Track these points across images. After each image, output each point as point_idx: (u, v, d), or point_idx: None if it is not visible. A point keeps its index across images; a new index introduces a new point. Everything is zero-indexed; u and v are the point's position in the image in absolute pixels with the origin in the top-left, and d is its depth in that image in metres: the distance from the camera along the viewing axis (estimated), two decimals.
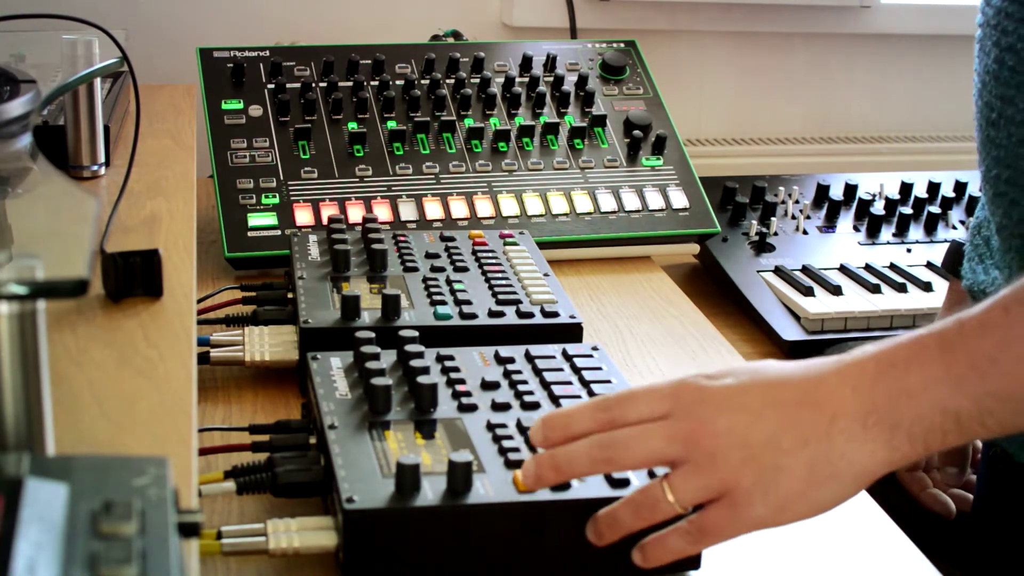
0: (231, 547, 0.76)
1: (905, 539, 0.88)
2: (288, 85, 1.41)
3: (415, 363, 0.89)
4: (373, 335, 0.94)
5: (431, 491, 0.76)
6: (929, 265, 1.44)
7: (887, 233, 1.49)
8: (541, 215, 1.35)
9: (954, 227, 1.52)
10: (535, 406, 0.88)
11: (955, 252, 1.07)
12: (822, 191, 1.53)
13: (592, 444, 0.75)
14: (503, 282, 1.10)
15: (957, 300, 1.07)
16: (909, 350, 0.72)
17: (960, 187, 1.57)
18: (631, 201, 1.38)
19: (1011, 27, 0.87)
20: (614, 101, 1.49)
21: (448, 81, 1.46)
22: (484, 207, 1.34)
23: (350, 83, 1.43)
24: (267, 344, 1.02)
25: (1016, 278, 0.75)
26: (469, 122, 1.42)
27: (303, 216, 1.29)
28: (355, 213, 1.30)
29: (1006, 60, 0.87)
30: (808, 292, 1.33)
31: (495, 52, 1.51)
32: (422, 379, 0.87)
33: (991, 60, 0.89)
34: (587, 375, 0.92)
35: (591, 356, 0.96)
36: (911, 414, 0.71)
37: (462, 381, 0.90)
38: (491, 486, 0.77)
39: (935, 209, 1.52)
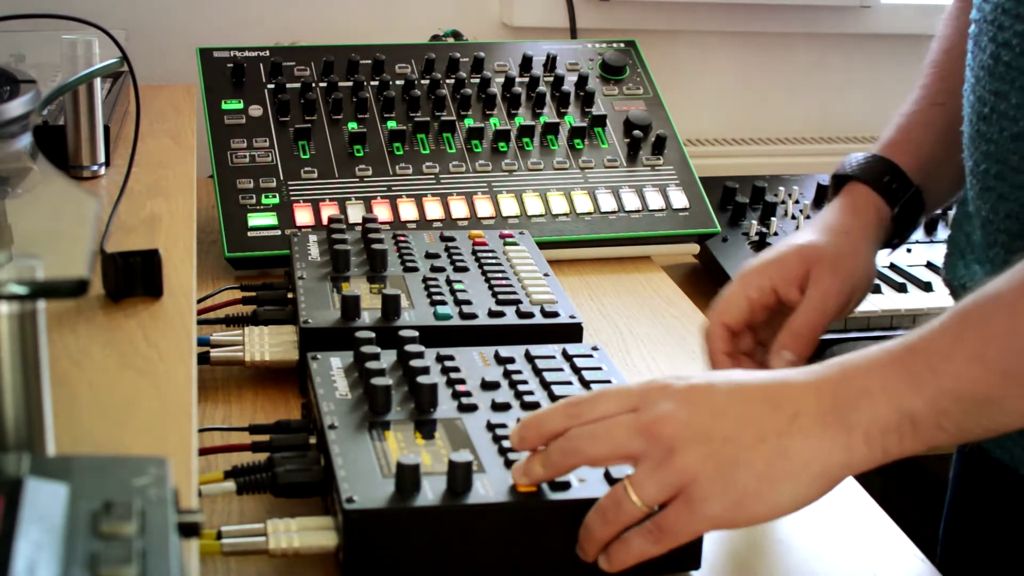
0: (231, 547, 0.76)
1: (905, 539, 0.88)
2: (288, 85, 1.41)
3: (415, 363, 0.89)
4: (373, 335, 0.94)
5: (431, 491, 0.76)
6: (929, 265, 1.44)
7: None
8: (541, 215, 1.35)
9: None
10: (535, 406, 0.88)
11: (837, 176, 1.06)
12: (822, 191, 1.53)
13: (562, 439, 0.76)
14: (503, 282, 1.10)
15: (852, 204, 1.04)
16: (873, 355, 0.73)
17: None
18: (631, 201, 1.38)
19: (1008, 23, 0.87)
20: (614, 101, 1.49)
21: (448, 81, 1.46)
22: (484, 207, 1.34)
23: (350, 83, 1.43)
24: (267, 344, 1.02)
25: (998, 274, 0.75)
26: (469, 122, 1.42)
27: (303, 216, 1.29)
28: (355, 213, 1.30)
29: (1001, 55, 0.88)
30: None
31: (495, 52, 1.51)
32: (422, 379, 0.87)
33: (986, 55, 0.89)
34: (587, 375, 0.92)
35: (591, 356, 0.96)
36: (868, 414, 0.71)
37: (462, 381, 0.90)
38: (491, 486, 0.77)
39: None
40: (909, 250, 1.47)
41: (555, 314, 1.05)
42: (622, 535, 0.75)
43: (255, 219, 1.28)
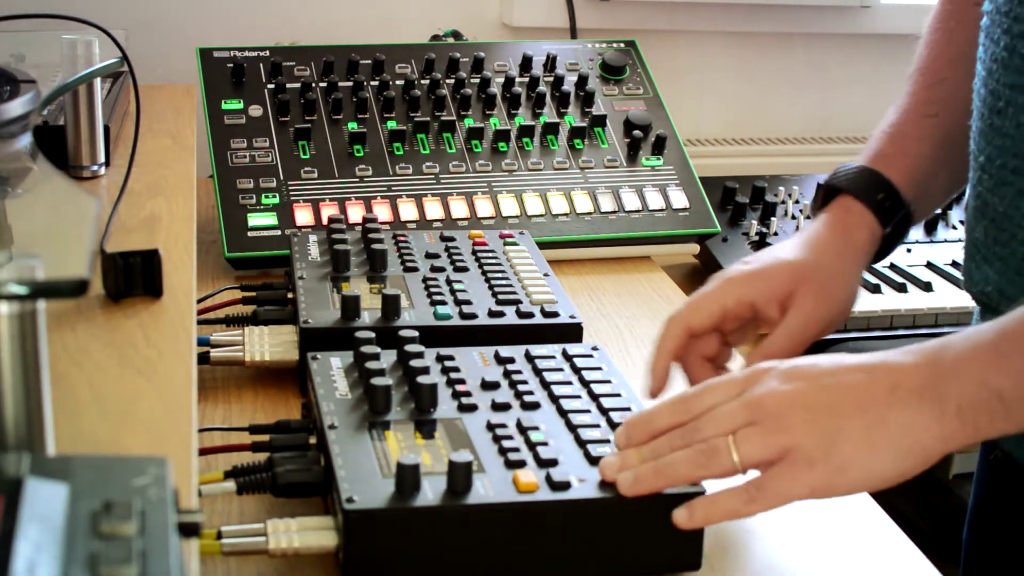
0: (231, 547, 0.76)
1: (905, 539, 0.88)
2: (288, 85, 1.41)
3: (415, 363, 0.89)
4: (373, 335, 0.94)
5: (431, 491, 0.76)
6: (929, 265, 1.44)
7: None
8: (541, 215, 1.35)
9: (954, 227, 1.52)
10: (535, 406, 0.88)
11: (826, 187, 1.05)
12: None
13: (674, 435, 0.79)
14: (503, 282, 1.10)
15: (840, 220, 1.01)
16: (971, 335, 0.75)
17: None
18: (631, 201, 1.38)
19: None
20: (614, 101, 1.49)
21: (448, 81, 1.46)
22: (484, 207, 1.34)
23: (350, 83, 1.43)
24: (267, 344, 1.02)
25: (1011, 271, 0.75)
26: (469, 122, 1.42)
27: (303, 216, 1.29)
28: (355, 213, 1.30)
29: (1018, 47, 0.87)
30: None
31: (495, 52, 1.51)
32: (422, 379, 0.87)
33: (1000, 48, 0.88)
34: (587, 375, 0.92)
35: (591, 356, 0.96)
36: (958, 388, 0.73)
37: (462, 381, 0.90)
38: (491, 486, 0.77)
39: None
40: (909, 250, 1.47)
41: (555, 314, 1.05)
42: (709, 494, 0.77)
43: (255, 219, 1.28)
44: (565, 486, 0.78)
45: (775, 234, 1.45)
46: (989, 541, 1.06)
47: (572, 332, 1.04)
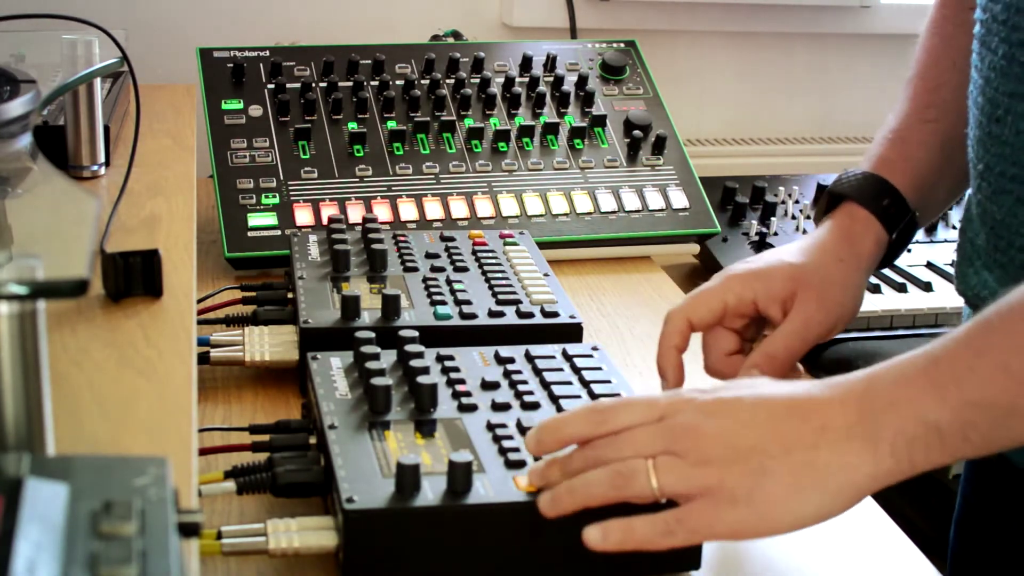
0: (231, 547, 0.76)
1: (905, 539, 0.88)
2: (288, 85, 1.41)
3: (415, 363, 0.89)
4: (373, 335, 0.94)
5: (431, 491, 0.76)
6: (929, 265, 1.44)
7: None
8: (541, 215, 1.35)
9: (953, 227, 1.52)
10: (535, 406, 0.88)
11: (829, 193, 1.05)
12: (822, 191, 1.52)
13: (588, 451, 0.76)
14: (503, 282, 1.10)
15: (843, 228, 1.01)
16: (899, 366, 0.73)
17: None
18: (631, 201, 1.38)
19: (1023, 23, 0.86)
20: (614, 101, 1.49)
21: (448, 81, 1.46)
22: (484, 207, 1.34)
23: (350, 83, 1.43)
24: (267, 344, 1.02)
25: (1010, 278, 0.74)
26: (469, 122, 1.42)
27: (303, 216, 1.29)
28: (355, 213, 1.30)
29: (1017, 56, 0.86)
30: None
31: (495, 52, 1.51)
32: (422, 379, 0.87)
33: (998, 56, 0.88)
34: (587, 375, 0.92)
35: (591, 356, 0.96)
36: (893, 426, 0.71)
37: (462, 381, 0.90)
38: (491, 486, 0.77)
39: None
40: (909, 250, 1.47)
41: (555, 314, 1.05)
42: (625, 518, 0.74)
43: (255, 219, 1.28)
44: None
45: (775, 234, 1.45)
46: (976, 541, 1.06)
47: (572, 332, 1.04)
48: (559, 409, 0.87)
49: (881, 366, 0.74)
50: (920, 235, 1.50)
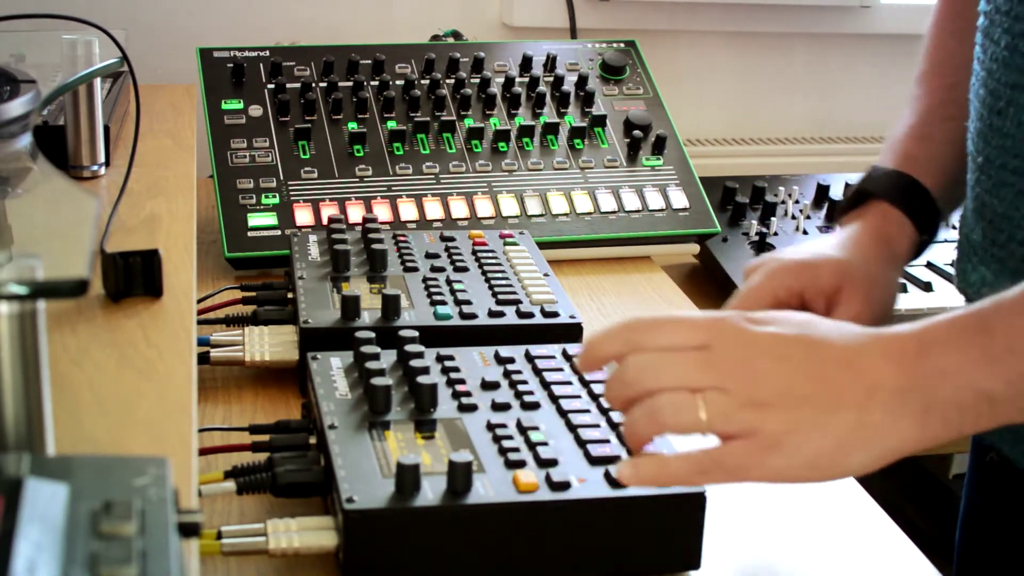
0: (231, 547, 0.76)
1: (904, 538, 0.88)
2: (288, 85, 1.41)
3: (415, 363, 0.89)
4: (373, 335, 0.94)
5: (431, 491, 0.76)
6: (929, 265, 1.44)
7: None
8: (541, 215, 1.35)
9: (953, 227, 1.52)
10: (535, 406, 0.88)
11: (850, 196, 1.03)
12: (822, 191, 1.53)
13: (620, 369, 0.73)
14: (503, 282, 1.10)
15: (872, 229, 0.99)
16: (949, 330, 0.72)
17: None
18: (631, 201, 1.38)
19: None
20: (614, 101, 1.49)
21: (448, 81, 1.46)
22: (484, 207, 1.34)
23: (350, 83, 1.43)
24: (267, 344, 1.02)
25: (1009, 272, 0.74)
26: (469, 122, 1.42)
27: (303, 216, 1.29)
28: (355, 213, 1.30)
29: (1019, 47, 0.86)
30: None
31: (495, 52, 1.51)
32: (422, 379, 0.87)
33: (1001, 48, 0.88)
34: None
35: None
36: (945, 394, 0.70)
37: (462, 381, 0.90)
38: (491, 486, 0.77)
39: None
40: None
41: (555, 314, 1.05)
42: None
43: (255, 219, 1.28)
44: (565, 486, 0.78)
45: (775, 234, 1.45)
46: (982, 544, 1.05)
47: (572, 332, 1.04)
48: (559, 409, 0.87)
49: (931, 325, 0.72)
50: None
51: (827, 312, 0.91)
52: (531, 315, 1.04)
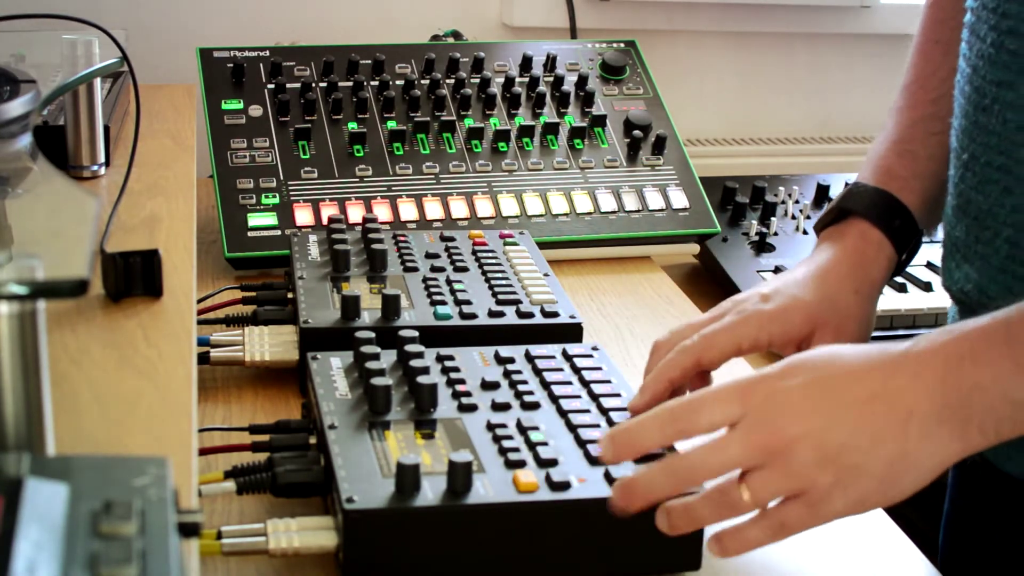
0: (231, 547, 0.76)
1: (905, 538, 0.88)
2: (288, 85, 1.41)
3: (415, 363, 0.89)
4: (373, 335, 0.94)
5: (431, 491, 0.76)
6: (929, 265, 1.44)
7: None
8: (541, 215, 1.35)
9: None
10: (535, 406, 0.88)
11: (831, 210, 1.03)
12: (822, 191, 1.53)
13: (665, 468, 0.76)
14: (503, 282, 1.10)
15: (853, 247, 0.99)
16: (976, 343, 0.73)
17: None
18: (631, 201, 1.38)
19: (1014, 10, 0.85)
20: (614, 101, 1.49)
21: (448, 81, 1.46)
22: (484, 207, 1.34)
23: (350, 83, 1.43)
24: (267, 344, 1.02)
25: (993, 270, 0.74)
26: (469, 122, 1.42)
27: (303, 216, 1.29)
28: (355, 213, 1.30)
29: (1005, 43, 0.86)
30: None
31: (495, 52, 1.51)
32: (422, 379, 0.87)
33: (987, 44, 0.88)
34: (587, 375, 0.92)
35: (591, 356, 0.96)
36: (982, 408, 0.71)
37: (462, 381, 0.90)
38: (491, 486, 0.77)
39: None
40: None
41: (555, 314, 1.05)
42: (735, 526, 0.76)
43: (255, 219, 1.28)
44: (565, 486, 0.78)
45: (775, 234, 1.45)
46: (965, 545, 1.05)
47: (572, 332, 1.04)
48: (559, 409, 0.87)
49: (957, 337, 0.73)
50: None
51: (797, 351, 0.91)
52: (531, 315, 1.04)
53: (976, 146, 0.90)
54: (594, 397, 0.89)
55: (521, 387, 0.90)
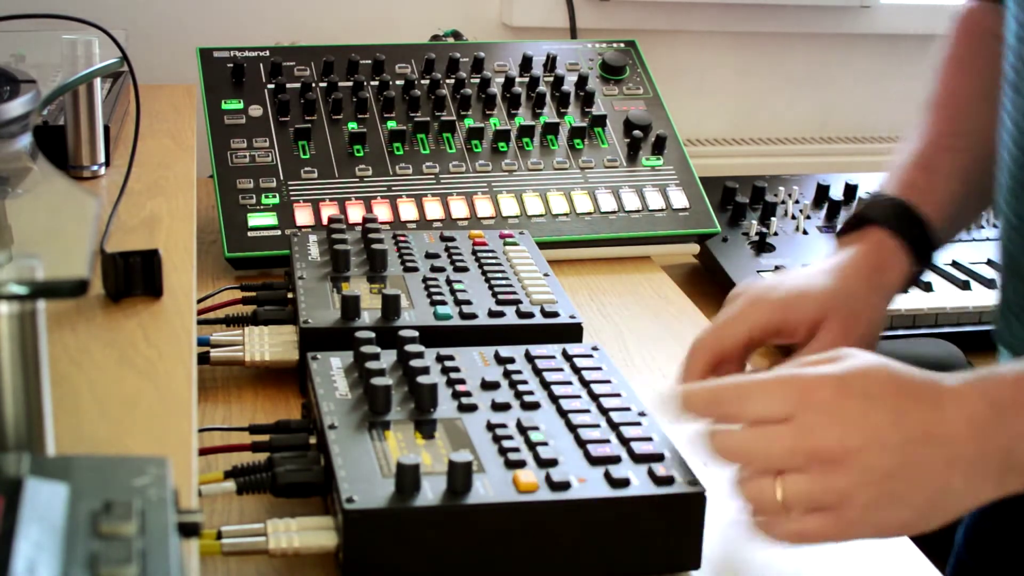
0: (231, 547, 0.76)
1: (905, 539, 0.88)
2: (288, 85, 1.41)
3: (415, 363, 0.89)
4: (373, 335, 0.94)
5: (431, 491, 0.76)
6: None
7: None
8: (541, 215, 1.35)
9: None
10: (535, 406, 0.88)
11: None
12: (822, 191, 1.53)
13: (719, 438, 0.77)
14: (503, 282, 1.10)
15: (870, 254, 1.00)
16: (1017, 390, 0.74)
17: None
18: (631, 201, 1.38)
19: None
20: (614, 101, 1.49)
21: (448, 81, 1.46)
22: (484, 207, 1.34)
23: (350, 83, 1.43)
24: (267, 344, 1.02)
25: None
26: (469, 122, 1.42)
27: (303, 216, 1.29)
28: (355, 213, 1.30)
29: None
30: None
31: (495, 52, 1.51)
32: (422, 379, 0.87)
33: None
34: (587, 375, 0.92)
35: (591, 356, 0.96)
36: (1022, 456, 0.73)
37: (462, 381, 0.90)
38: (491, 486, 0.77)
39: None
40: None
41: (555, 314, 1.05)
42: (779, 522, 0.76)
43: (255, 219, 1.28)
44: (565, 486, 0.78)
45: (775, 234, 1.45)
46: (985, 547, 1.05)
47: (572, 332, 1.04)
48: (559, 409, 0.87)
49: (998, 382, 0.74)
50: None
51: (805, 340, 0.92)
52: (531, 315, 1.04)
53: (1021, 206, 0.90)
54: (594, 397, 0.89)
55: (521, 387, 0.90)
